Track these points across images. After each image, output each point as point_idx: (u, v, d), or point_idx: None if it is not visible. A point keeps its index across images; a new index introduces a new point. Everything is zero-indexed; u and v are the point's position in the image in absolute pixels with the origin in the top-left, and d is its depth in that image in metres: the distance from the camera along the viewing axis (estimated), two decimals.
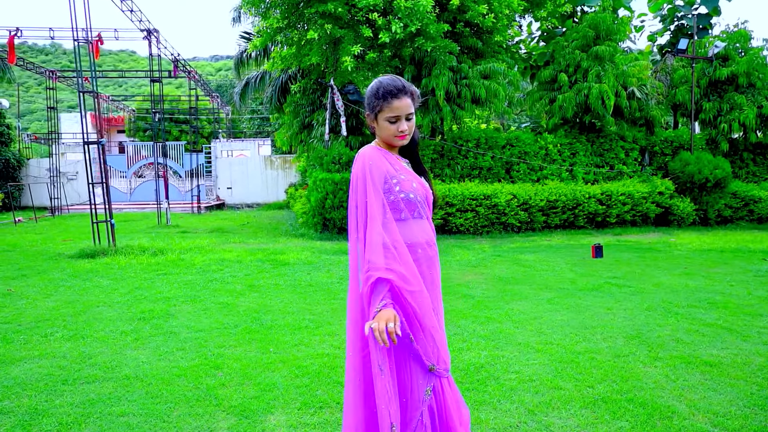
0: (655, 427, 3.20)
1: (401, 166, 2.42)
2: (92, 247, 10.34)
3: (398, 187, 2.33)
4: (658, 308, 5.90)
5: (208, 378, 4.08)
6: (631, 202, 13.43)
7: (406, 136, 2.38)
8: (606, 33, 13.92)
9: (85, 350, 4.76)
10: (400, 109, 2.33)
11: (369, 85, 2.46)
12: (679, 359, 4.30)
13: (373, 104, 2.38)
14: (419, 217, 2.41)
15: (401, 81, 2.37)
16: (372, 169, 2.31)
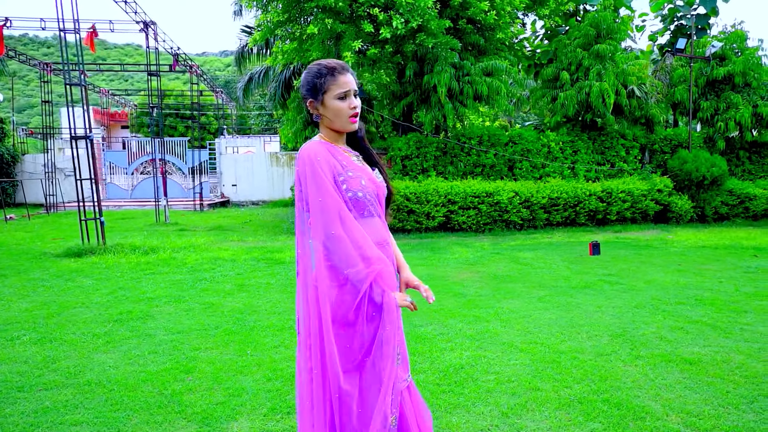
0: (628, 428, 3.26)
1: (349, 161, 2.26)
2: (80, 245, 10.11)
3: (345, 186, 2.19)
4: (646, 306, 5.96)
5: (176, 383, 3.98)
6: (631, 199, 13.46)
7: (357, 116, 2.26)
8: (607, 32, 13.93)
9: (51, 354, 4.63)
10: (348, 84, 2.20)
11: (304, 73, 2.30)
12: (660, 357, 4.37)
13: (317, 85, 2.22)
14: (369, 215, 2.26)
15: (337, 60, 2.26)
16: (321, 164, 2.15)
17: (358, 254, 2.09)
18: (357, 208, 2.21)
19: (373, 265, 2.10)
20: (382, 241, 2.28)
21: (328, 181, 2.12)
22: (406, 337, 5.04)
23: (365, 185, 2.23)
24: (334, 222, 2.09)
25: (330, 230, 2.08)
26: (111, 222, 16.45)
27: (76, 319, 5.72)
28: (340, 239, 2.08)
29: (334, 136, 2.29)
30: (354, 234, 2.10)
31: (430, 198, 12.78)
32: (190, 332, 5.23)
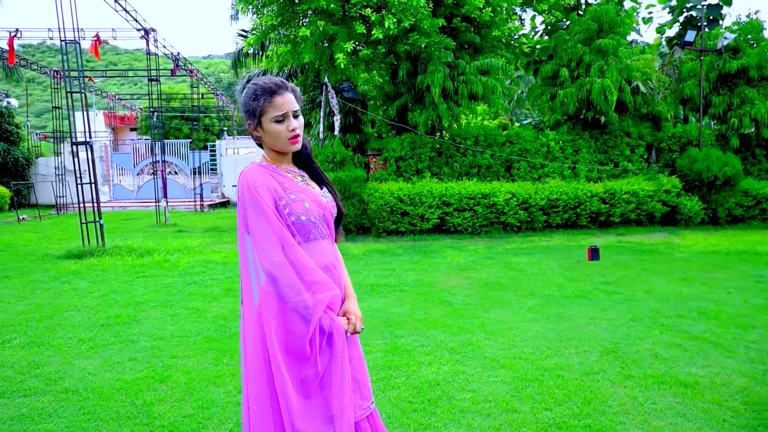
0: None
1: (292, 183, 2.17)
2: (80, 247, 10.35)
3: (287, 210, 2.09)
4: (643, 318, 5.54)
5: (149, 392, 3.93)
6: (636, 200, 12.97)
7: (299, 137, 2.16)
8: (609, 26, 13.45)
9: (36, 359, 4.67)
10: (285, 105, 2.11)
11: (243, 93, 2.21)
12: (653, 378, 3.96)
13: (253, 108, 2.12)
14: (315, 238, 2.16)
15: (279, 78, 2.16)
16: (259, 190, 2.05)
17: (304, 281, 2.01)
18: (301, 233, 2.12)
19: (321, 291, 2.03)
20: (329, 264, 2.19)
21: (269, 207, 2.04)
22: (384, 348, 4.71)
23: (309, 208, 2.15)
24: (277, 249, 2.00)
25: (273, 258, 2.00)
26: (116, 222, 16.92)
27: (66, 323, 5.79)
28: (283, 267, 2.00)
29: (277, 157, 2.22)
30: (299, 260, 2.02)
31: (424, 200, 12.38)
32: (171, 338, 5.21)
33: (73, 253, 10.10)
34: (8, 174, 23.93)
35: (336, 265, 2.23)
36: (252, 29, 13.92)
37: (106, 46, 77.30)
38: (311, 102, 16.23)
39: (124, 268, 8.95)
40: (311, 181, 2.29)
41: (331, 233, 2.26)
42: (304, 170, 2.31)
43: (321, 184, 2.32)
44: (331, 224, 2.27)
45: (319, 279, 2.04)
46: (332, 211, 2.28)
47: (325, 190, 2.30)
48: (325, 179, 2.35)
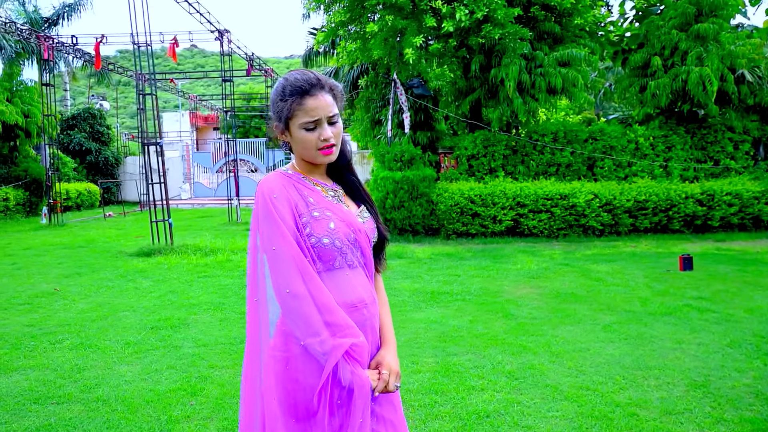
0: None
1: (318, 198, 1.78)
2: (150, 246, 10.72)
3: (308, 230, 1.71)
4: (743, 344, 4.65)
5: (178, 407, 3.77)
6: (739, 202, 11.61)
7: (334, 147, 1.75)
8: (710, 8, 12.10)
9: (80, 362, 4.68)
10: (318, 110, 1.70)
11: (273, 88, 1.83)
12: (752, 425, 3.19)
13: (280, 109, 1.74)
14: (341, 267, 1.75)
15: (315, 74, 1.76)
16: (276, 203, 1.69)
17: (321, 320, 1.62)
18: (323, 259, 1.73)
19: (342, 334, 1.63)
20: (357, 302, 1.76)
21: (285, 225, 1.67)
22: (434, 368, 4.15)
23: (335, 229, 1.74)
24: (292, 277, 1.64)
25: (285, 287, 1.64)
26: (191, 220, 17.64)
27: (118, 325, 5.82)
28: (297, 299, 1.62)
29: (307, 167, 1.84)
30: (317, 293, 1.64)
31: (497, 200, 11.63)
32: (215, 345, 5.08)
33: (143, 251, 10.40)
34: (99, 172, 25.61)
35: (367, 303, 1.79)
36: (321, 27, 13.70)
37: (194, 50, 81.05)
38: (382, 99, 15.84)
39: (188, 267, 9.05)
40: (347, 198, 1.89)
41: (367, 262, 1.84)
42: (340, 184, 1.92)
43: (360, 201, 1.91)
44: (367, 251, 1.84)
45: (341, 321, 1.64)
46: (369, 236, 1.85)
47: (363, 210, 1.90)
48: (365, 196, 1.94)
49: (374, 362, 1.79)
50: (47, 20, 23.28)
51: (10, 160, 20.50)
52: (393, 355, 1.82)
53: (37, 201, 19.91)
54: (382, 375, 1.73)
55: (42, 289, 7.68)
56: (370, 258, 1.87)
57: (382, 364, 1.77)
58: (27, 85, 20.62)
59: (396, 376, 1.77)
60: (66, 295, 7.27)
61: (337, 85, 1.82)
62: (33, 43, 18.46)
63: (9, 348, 5.09)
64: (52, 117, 18.07)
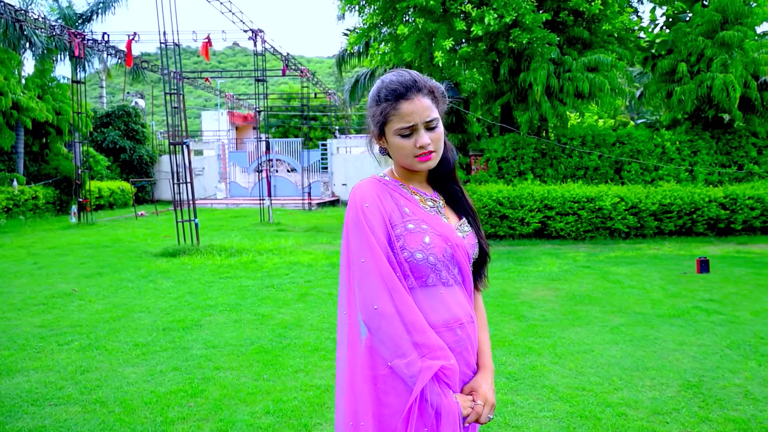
0: None
1: (415, 208, 1.69)
2: (175, 246, 10.75)
3: (400, 242, 1.63)
4: (742, 346, 4.96)
5: (176, 408, 3.87)
6: (761, 206, 11.71)
7: (432, 154, 1.67)
8: (735, 16, 12.23)
9: (85, 364, 4.74)
10: (414, 115, 1.63)
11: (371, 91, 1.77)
12: (735, 423, 3.52)
13: (375, 114, 1.69)
14: (435, 284, 1.66)
15: (411, 75, 1.68)
16: (368, 212, 1.62)
17: (409, 340, 1.54)
18: (416, 275, 1.64)
19: (432, 355, 1.54)
20: (452, 321, 1.66)
21: (375, 238, 1.59)
22: None
23: (429, 243, 1.64)
24: (379, 293, 1.56)
25: (372, 303, 1.56)
26: (223, 220, 17.50)
27: (130, 326, 5.88)
28: (384, 317, 1.55)
29: (406, 173, 1.76)
30: (406, 311, 1.56)
31: (525, 203, 11.94)
32: (224, 347, 5.17)
33: (168, 252, 10.44)
34: (133, 171, 25.57)
35: (464, 323, 1.69)
36: (354, 29, 14.10)
37: (236, 48, 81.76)
38: None
39: (211, 268, 9.12)
40: (448, 209, 1.81)
41: (465, 279, 1.74)
42: (442, 193, 1.83)
43: (462, 213, 1.82)
44: (465, 268, 1.73)
45: (431, 342, 1.56)
46: (469, 251, 1.75)
47: (464, 223, 1.79)
48: (468, 208, 1.83)
49: (468, 388, 1.69)
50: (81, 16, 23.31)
51: (40, 157, 20.18)
52: (489, 384, 1.71)
53: (67, 199, 19.55)
54: (477, 405, 1.64)
55: (60, 289, 7.68)
56: (468, 275, 1.76)
57: (477, 392, 1.67)
58: (59, 82, 20.37)
59: (491, 408, 1.66)
60: (83, 296, 7.27)
61: (438, 86, 1.72)
62: (65, 39, 18.25)
63: (16, 349, 5.13)
64: (83, 114, 17.80)
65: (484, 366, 1.73)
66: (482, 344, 1.76)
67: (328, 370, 4.53)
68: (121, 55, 20.35)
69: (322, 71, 59.06)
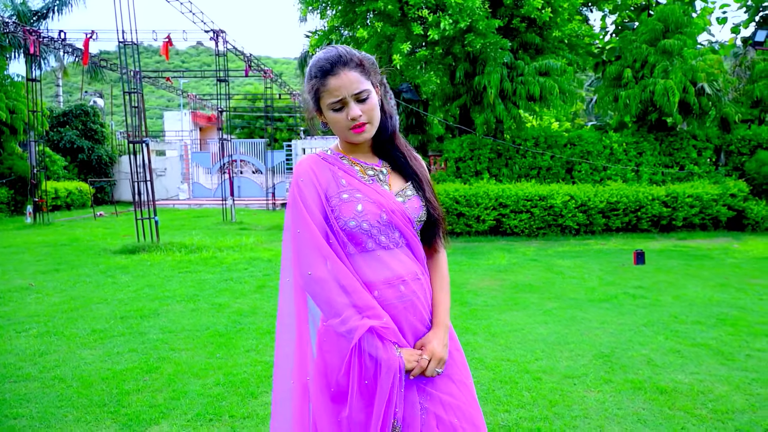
0: None
1: (351, 179, 1.76)
2: (135, 243, 10.78)
3: (336, 213, 1.71)
4: (656, 324, 5.50)
5: (131, 383, 4.12)
6: (700, 204, 12.46)
7: (366, 125, 1.72)
8: (676, 26, 12.98)
9: (44, 348, 4.90)
10: (342, 89, 1.67)
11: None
12: (631, 384, 4.00)
13: (308, 91, 1.75)
14: (372, 249, 1.73)
15: (338, 50, 1.72)
16: (303, 186, 1.71)
17: (343, 301, 1.64)
18: (353, 241, 1.72)
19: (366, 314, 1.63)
20: (394, 278, 1.73)
21: (308, 210, 1.69)
22: None
23: (362, 211, 1.70)
24: (313, 260, 1.66)
25: (307, 270, 1.66)
26: (185, 220, 17.37)
27: (88, 315, 6.03)
28: (317, 282, 1.65)
29: (348, 145, 1.83)
30: (339, 275, 1.65)
31: (480, 201, 12.45)
32: (180, 332, 5.39)
33: (127, 249, 10.44)
34: (92, 171, 24.86)
35: (406, 280, 1.74)
36: (316, 31, 14.42)
37: (200, 48, 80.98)
38: None
39: (171, 263, 9.17)
40: (394, 175, 1.85)
41: (409, 242, 1.78)
42: (387, 160, 1.87)
43: (408, 178, 1.85)
44: (407, 232, 1.77)
45: (365, 302, 1.65)
46: (411, 215, 1.78)
47: (408, 187, 1.83)
48: (412, 171, 1.85)
49: (419, 343, 1.74)
50: (36, 13, 22.71)
51: None
52: (440, 339, 1.75)
53: (22, 200, 18.89)
54: (422, 359, 1.69)
55: (16, 284, 7.66)
56: (413, 238, 1.78)
57: (425, 347, 1.72)
58: (13, 80, 19.65)
59: (438, 362, 1.71)
60: (41, 290, 7.27)
61: (368, 57, 1.75)
62: (19, 36, 17.77)
63: None
64: (39, 113, 17.24)
65: (437, 323, 1.78)
66: (438, 302, 1.81)
67: None
68: (79, 54, 19.91)
69: (289, 72, 59.01)
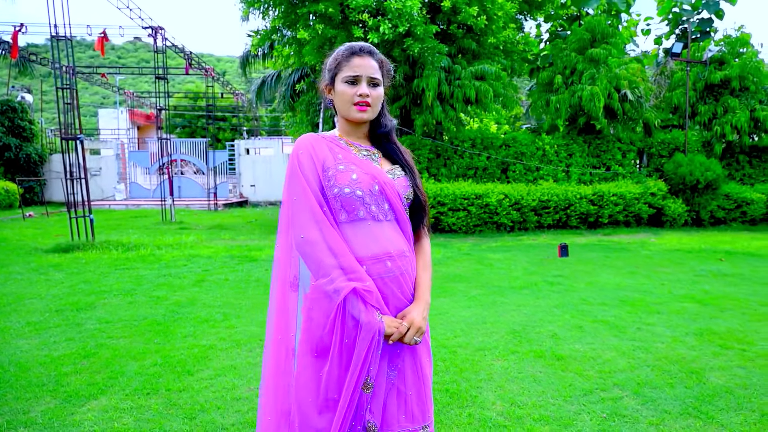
0: (448, 414, 3.41)
1: (347, 154, 1.92)
2: (69, 242, 10.53)
3: (332, 182, 1.85)
4: (566, 305, 6.03)
5: (69, 366, 4.22)
6: (623, 202, 13.33)
7: (369, 107, 1.91)
8: (602, 36, 13.88)
9: None
10: (361, 68, 1.89)
11: None
12: (534, 353, 4.47)
13: (329, 66, 1.96)
14: (363, 219, 1.87)
15: (370, 45, 1.98)
16: (301, 158, 1.87)
17: (331, 263, 1.77)
18: (346, 208, 1.86)
19: (351, 277, 1.76)
20: (381, 253, 1.86)
21: (306, 179, 1.84)
22: None
23: (357, 179, 1.86)
24: (307, 224, 1.80)
25: (300, 233, 1.80)
26: (122, 220, 16.99)
27: (22, 309, 5.99)
28: (309, 244, 1.79)
29: (348, 129, 2.00)
30: (330, 239, 1.79)
31: None
32: (118, 322, 5.45)
33: (60, 247, 10.19)
34: (20, 170, 23.85)
35: (393, 256, 1.87)
36: (255, 32, 14.58)
37: (138, 43, 78.63)
38: (321, 103, 16.92)
39: (107, 261, 9.03)
40: (383, 159, 2.02)
41: (398, 217, 1.93)
42: (380, 149, 2.04)
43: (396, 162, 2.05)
44: (397, 205, 1.92)
45: (351, 265, 1.77)
46: (400, 191, 1.94)
47: (397, 168, 2.01)
48: (402, 159, 2.03)
49: (401, 314, 1.86)
50: None
51: None
52: (419, 312, 1.86)
53: None
54: (401, 326, 1.80)
55: None
56: (401, 213, 1.92)
57: (406, 317, 1.85)
58: None
59: (416, 332, 1.82)
60: None
61: (388, 63, 1.98)
62: None
63: None
64: None
65: (419, 298, 1.92)
66: (420, 280, 1.95)
67: (215, 335, 5.06)
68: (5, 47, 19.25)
69: (233, 71, 58.43)
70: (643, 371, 4.04)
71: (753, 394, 3.63)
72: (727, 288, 6.91)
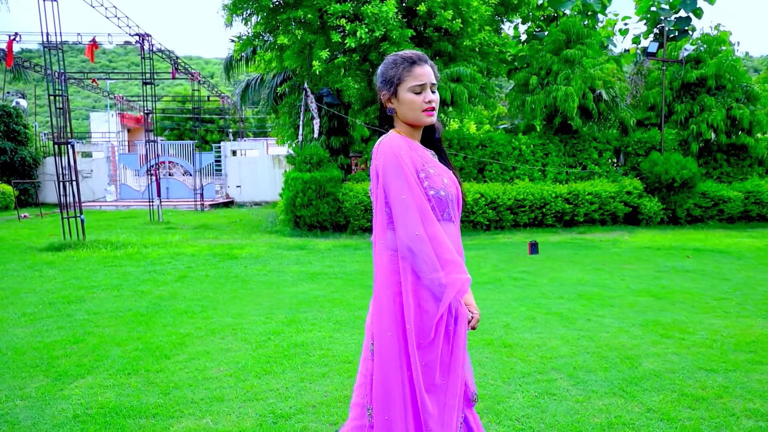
0: None
1: (428, 157, 2.12)
2: (61, 241, 10.98)
3: (427, 183, 2.03)
4: (524, 299, 6.24)
5: (60, 350, 4.62)
6: (599, 201, 13.58)
7: (435, 112, 2.09)
8: (577, 37, 14.11)
9: None
10: (424, 76, 2.06)
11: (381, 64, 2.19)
12: (485, 342, 4.68)
13: (391, 76, 2.09)
14: (448, 219, 2.10)
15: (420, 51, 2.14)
16: (404, 158, 2.00)
17: (441, 258, 1.94)
18: (439, 209, 2.05)
19: (456, 272, 1.94)
20: (459, 250, 2.11)
21: (412, 176, 1.99)
22: (283, 321, 5.49)
23: (447, 184, 2.08)
24: (418, 222, 1.95)
25: (414, 230, 1.94)
26: (112, 220, 17.34)
27: (18, 302, 6.40)
28: (423, 241, 1.93)
29: (409, 131, 2.14)
30: (436, 236, 1.95)
31: None
32: (105, 313, 5.84)
33: (53, 246, 10.63)
34: (15, 173, 24.53)
35: (462, 252, 2.12)
36: (237, 37, 14.80)
37: (128, 47, 78.84)
38: (302, 106, 17.09)
39: (97, 258, 9.47)
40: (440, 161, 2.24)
41: (456, 220, 2.16)
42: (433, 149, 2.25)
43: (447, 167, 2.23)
44: (459, 210, 2.19)
45: (455, 259, 1.95)
46: (460, 196, 2.20)
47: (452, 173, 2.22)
48: (450, 163, 2.25)
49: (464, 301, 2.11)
50: None
51: None
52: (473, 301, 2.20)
53: None
54: (477, 313, 2.12)
55: None
56: (458, 217, 2.16)
57: (470, 305, 2.13)
58: None
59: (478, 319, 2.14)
60: None
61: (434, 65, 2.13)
62: None
63: None
64: None
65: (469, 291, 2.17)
66: None
67: (192, 324, 5.38)
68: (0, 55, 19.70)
69: (220, 73, 58.62)
70: (582, 357, 4.26)
71: (678, 377, 3.85)
72: (685, 283, 7.13)
